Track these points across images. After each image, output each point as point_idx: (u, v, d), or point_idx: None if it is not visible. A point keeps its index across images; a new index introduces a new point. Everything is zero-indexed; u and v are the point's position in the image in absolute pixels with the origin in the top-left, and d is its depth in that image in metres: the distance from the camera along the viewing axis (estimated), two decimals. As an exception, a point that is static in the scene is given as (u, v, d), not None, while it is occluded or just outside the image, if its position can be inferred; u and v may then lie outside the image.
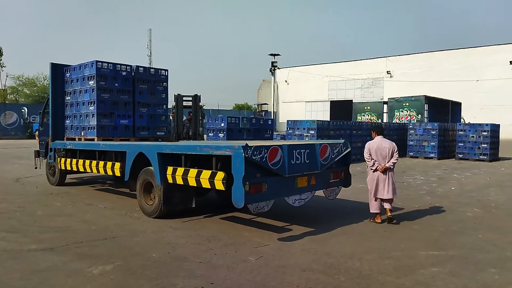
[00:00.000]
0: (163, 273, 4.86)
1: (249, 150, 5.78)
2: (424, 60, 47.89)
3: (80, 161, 9.57)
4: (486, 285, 4.63)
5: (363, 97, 50.68)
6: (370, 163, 7.41)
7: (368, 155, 7.43)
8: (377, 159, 7.37)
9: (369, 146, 7.48)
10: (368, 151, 7.43)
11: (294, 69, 59.31)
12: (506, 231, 6.93)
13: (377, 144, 7.43)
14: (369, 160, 7.44)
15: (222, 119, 13.85)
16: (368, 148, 7.46)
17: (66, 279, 4.66)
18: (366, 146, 7.55)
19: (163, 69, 11.16)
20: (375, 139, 7.57)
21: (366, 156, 7.47)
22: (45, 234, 6.50)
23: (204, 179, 6.35)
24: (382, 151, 7.36)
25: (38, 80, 56.53)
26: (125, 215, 7.81)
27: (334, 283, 4.61)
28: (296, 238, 6.32)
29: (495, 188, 11.61)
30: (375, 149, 7.39)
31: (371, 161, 7.39)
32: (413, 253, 5.72)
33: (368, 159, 7.44)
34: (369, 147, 7.47)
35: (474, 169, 16.27)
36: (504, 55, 42.43)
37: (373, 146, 7.44)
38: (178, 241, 6.13)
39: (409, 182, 12.57)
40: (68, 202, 8.96)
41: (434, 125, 20.95)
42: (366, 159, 7.50)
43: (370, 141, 7.61)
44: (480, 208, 8.75)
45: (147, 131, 10.83)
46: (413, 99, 28.63)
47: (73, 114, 10.60)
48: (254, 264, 5.16)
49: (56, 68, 10.86)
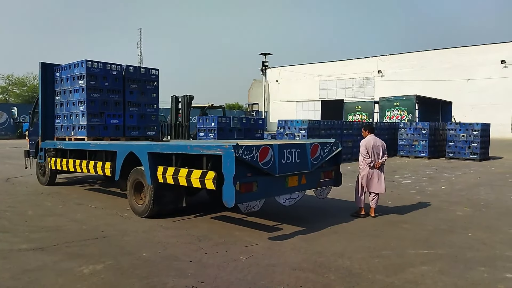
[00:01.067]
0: (154, 272, 4.85)
1: (240, 150, 5.78)
2: (415, 60, 48.14)
3: (70, 161, 9.52)
4: (476, 283, 4.68)
5: (354, 96, 50.85)
6: (369, 160, 7.74)
7: (366, 153, 7.75)
8: (372, 156, 7.71)
9: (366, 143, 7.80)
10: (366, 149, 7.75)
11: (285, 69, 59.33)
12: (496, 230, 7.00)
13: (372, 141, 7.80)
14: (367, 157, 7.75)
15: (212, 118, 13.82)
16: (365, 145, 7.79)
17: (57, 279, 4.64)
18: (362, 144, 7.86)
19: (153, 68, 11.12)
20: (369, 137, 7.90)
21: (364, 154, 7.77)
22: (35, 233, 6.47)
23: (194, 179, 6.35)
24: (377, 149, 7.77)
25: (28, 79, 56.05)
26: (116, 214, 7.78)
27: (324, 282, 4.64)
28: (286, 237, 6.34)
29: (485, 187, 11.72)
30: (371, 147, 7.74)
31: (369, 158, 7.72)
32: (403, 251, 5.76)
33: (367, 156, 7.76)
34: (366, 144, 7.80)
35: (464, 168, 16.41)
36: (495, 54, 42.75)
37: (369, 143, 7.78)
38: (168, 240, 6.12)
39: (400, 182, 12.64)
40: (58, 202, 8.91)
41: (425, 125, 21.09)
42: (364, 156, 7.77)
43: (364, 139, 7.92)
44: (470, 207, 8.83)
45: (138, 131, 10.79)
46: (404, 99, 28.79)
47: (63, 114, 10.53)
48: (245, 263, 5.17)
49: (46, 67, 10.79)
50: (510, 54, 42.14)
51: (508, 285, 4.65)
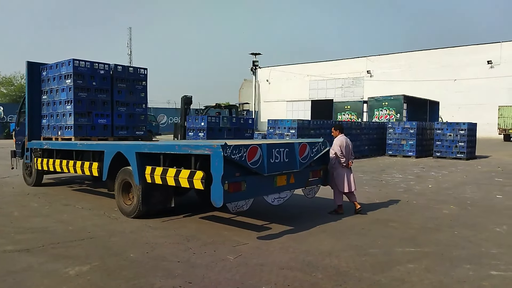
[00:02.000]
0: (141, 273, 4.82)
1: (228, 149, 5.78)
2: (404, 60, 48.59)
3: (57, 161, 9.43)
4: (461, 280, 4.73)
5: (344, 96, 51.10)
6: (343, 160, 7.84)
7: (341, 152, 7.84)
8: (345, 155, 7.85)
9: (340, 143, 7.90)
10: (340, 148, 7.84)
11: (276, 69, 59.42)
12: (481, 228, 7.07)
13: (345, 141, 7.94)
14: (342, 157, 7.85)
15: (202, 118, 13.77)
16: (339, 145, 7.87)
17: (42, 280, 4.60)
18: (336, 143, 7.94)
19: (142, 68, 11.07)
20: (341, 137, 8.04)
21: (339, 153, 7.84)
22: (21, 235, 6.39)
23: (183, 179, 6.33)
24: (348, 148, 7.93)
25: (15, 79, 55.32)
26: (103, 215, 7.73)
27: (312, 281, 4.65)
28: (275, 236, 6.35)
29: (471, 185, 11.84)
30: (344, 146, 7.87)
31: (344, 158, 7.85)
32: (390, 250, 5.80)
33: (341, 156, 7.85)
34: (340, 144, 7.89)
35: (451, 167, 16.57)
36: (482, 55, 43.31)
37: (342, 143, 7.90)
38: (156, 241, 6.09)
39: (388, 180, 12.72)
40: (45, 203, 8.82)
41: (413, 124, 21.25)
42: (340, 156, 7.85)
43: (338, 139, 8.00)
44: (456, 206, 8.91)
45: (126, 131, 10.73)
46: (392, 99, 28.97)
47: (49, 113, 10.44)
48: (233, 263, 5.17)
49: (32, 66, 10.68)
50: (496, 54, 42.74)
51: (492, 282, 4.70)
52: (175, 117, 50.21)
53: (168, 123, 49.61)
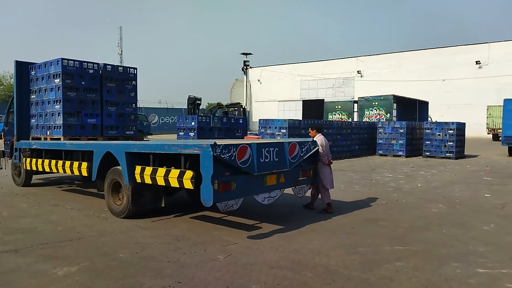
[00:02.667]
0: (130, 273, 4.81)
1: (218, 149, 5.78)
2: (394, 60, 48.86)
3: (46, 161, 9.36)
4: (448, 278, 4.77)
5: (335, 96, 51.25)
6: (325, 158, 8.03)
7: (323, 151, 8.01)
8: (326, 153, 8.05)
9: (322, 142, 8.05)
10: (322, 148, 8.00)
11: (267, 69, 59.45)
12: (469, 227, 7.15)
13: (324, 141, 8.12)
14: (324, 156, 8.01)
15: (192, 117, 13.77)
16: (320, 144, 8.00)
17: (30, 281, 4.57)
18: (319, 143, 8.01)
19: (131, 67, 11.03)
20: (320, 137, 8.20)
21: (322, 152, 8.00)
22: (9, 235, 6.34)
23: (172, 178, 6.32)
24: (327, 146, 8.14)
25: (4, 78, 54.99)
26: (93, 215, 7.69)
27: (301, 279, 4.67)
28: (265, 235, 6.37)
29: (460, 184, 11.95)
30: (324, 145, 8.05)
31: (325, 157, 8.05)
32: (379, 248, 5.84)
33: (323, 155, 8.01)
34: (322, 143, 8.03)
35: (440, 167, 16.70)
36: (470, 55, 43.67)
37: (322, 142, 8.07)
38: (146, 241, 6.07)
39: (378, 180, 12.80)
40: (34, 203, 8.75)
41: (402, 124, 21.38)
42: (322, 155, 8.01)
43: (318, 139, 8.11)
44: (445, 204, 8.99)
45: (116, 130, 10.68)
46: (382, 98, 29.13)
47: (38, 113, 10.36)
48: (223, 262, 5.18)
49: (21, 66, 10.60)
50: (485, 55, 43.15)
51: (479, 279, 4.76)
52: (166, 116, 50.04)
53: (159, 123, 49.45)
